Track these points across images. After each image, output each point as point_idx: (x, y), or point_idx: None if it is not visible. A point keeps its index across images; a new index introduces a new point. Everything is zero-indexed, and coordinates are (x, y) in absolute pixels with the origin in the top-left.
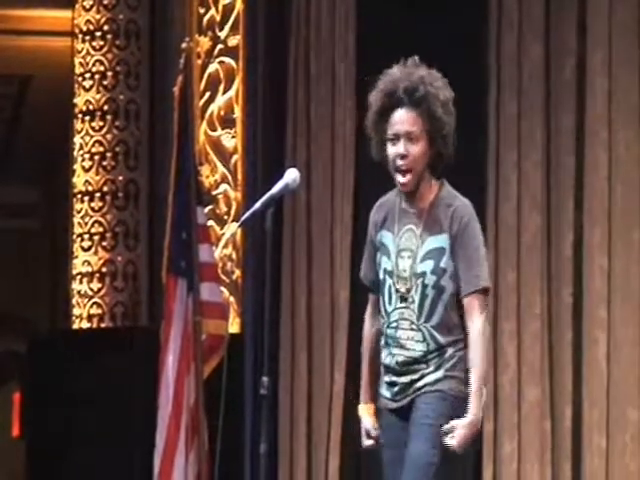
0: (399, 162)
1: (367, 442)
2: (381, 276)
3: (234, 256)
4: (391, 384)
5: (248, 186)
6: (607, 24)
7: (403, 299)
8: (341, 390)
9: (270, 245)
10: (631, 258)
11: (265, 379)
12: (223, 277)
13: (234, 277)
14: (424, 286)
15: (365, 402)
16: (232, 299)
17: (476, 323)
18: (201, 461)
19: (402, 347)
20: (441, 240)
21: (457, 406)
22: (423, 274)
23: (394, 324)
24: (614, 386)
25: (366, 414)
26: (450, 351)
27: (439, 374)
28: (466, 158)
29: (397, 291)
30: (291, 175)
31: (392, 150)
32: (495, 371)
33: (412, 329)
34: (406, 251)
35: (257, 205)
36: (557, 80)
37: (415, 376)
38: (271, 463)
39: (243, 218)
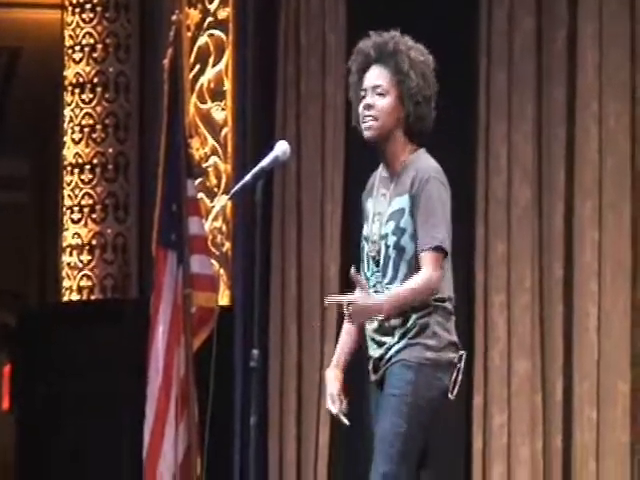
0: (365, 112)
1: (329, 407)
2: (361, 243)
3: (224, 229)
4: (369, 358)
5: (238, 159)
6: None
7: (376, 263)
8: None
9: (260, 218)
10: (622, 231)
11: (255, 351)
12: (213, 250)
13: (224, 250)
14: (387, 247)
15: (332, 367)
16: (222, 271)
17: (423, 271)
18: (191, 433)
19: None
20: (402, 201)
21: (423, 372)
22: (386, 236)
23: (372, 289)
24: (605, 359)
25: (331, 379)
26: (413, 317)
27: (402, 343)
28: (456, 131)
29: (371, 256)
30: (281, 147)
31: (361, 104)
32: (485, 344)
33: (377, 291)
34: (377, 215)
35: (247, 177)
36: (548, 52)
37: (383, 350)
38: (261, 435)
39: (233, 190)
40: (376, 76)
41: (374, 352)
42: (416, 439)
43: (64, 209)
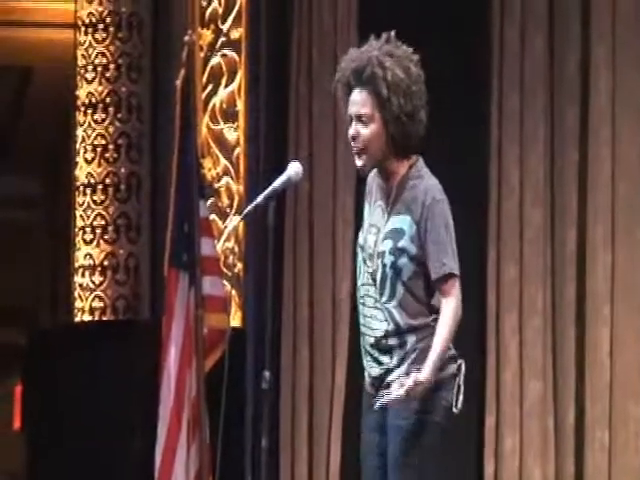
0: (352, 144)
1: None
2: (357, 248)
3: (236, 249)
4: (368, 374)
5: (250, 179)
6: (611, 18)
7: (370, 276)
8: (342, 384)
9: (272, 238)
10: (634, 254)
11: (267, 373)
12: (225, 270)
13: (236, 270)
14: (383, 265)
15: None
16: (234, 292)
17: (449, 303)
18: (202, 455)
19: (367, 326)
20: (402, 221)
21: (426, 398)
22: (382, 253)
23: (361, 300)
24: (617, 382)
25: None
26: (411, 341)
27: (402, 369)
28: (469, 152)
29: (366, 266)
30: (294, 168)
31: (349, 131)
32: (497, 366)
33: (375, 307)
34: (374, 227)
35: (259, 198)
36: (560, 75)
37: (382, 370)
38: (272, 457)
39: (245, 211)
40: (357, 104)
41: (372, 370)
42: (429, 466)
43: (76, 229)
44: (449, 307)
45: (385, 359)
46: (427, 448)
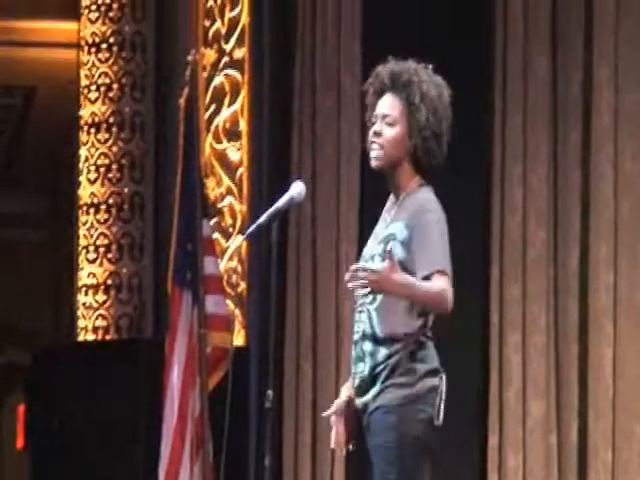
0: (372, 139)
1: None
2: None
3: (239, 269)
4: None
5: (253, 199)
6: (614, 38)
7: None
8: None
9: (275, 258)
10: (637, 273)
11: (270, 392)
12: (228, 290)
13: (239, 290)
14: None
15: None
16: (237, 312)
17: (440, 284)
18: (206, 474)
19: (354, 331)
20: (396, 227)
21: (403, 412)
22: (373, 256)
23: (358, 308)
24: (620, 401)
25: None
26: (383, 353)
27: (377, 388)
28: (472, 171)
29: None
30: (297, 188)
31: (370, 130)
32: (500, 384)
33: (361, 310)
34: (374, 236)
35: (262, 218)
36: (563, 94)
37: (359, 380)
38: (276, 476)
39: (249, 231)
40: (387, 105)
41: (355, 382)
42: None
43: (79, 248)
44: (441, 288)
45: (360, 367)
46: (407, 463)
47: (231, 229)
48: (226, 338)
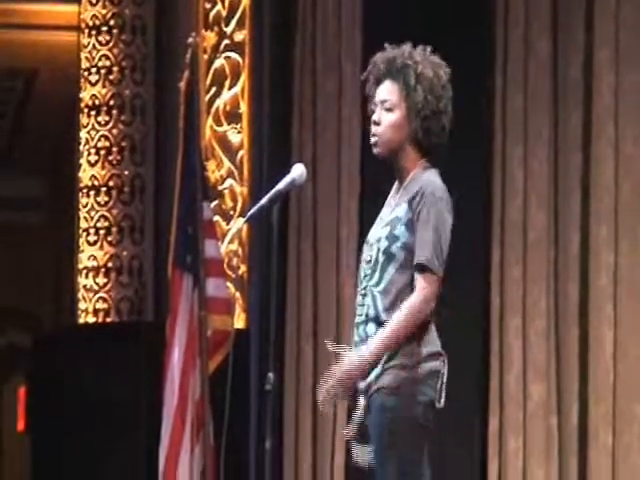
0: (372, 129)
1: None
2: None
3: (240, 251)
4: None
5: (254, 181)
6: (614, 21)
7: (367, 265)
8: None
9: (276, 241)
10: (637, 255)
11: (270, 375)
12: (229, 272)
13: (240, 272)
14: (377, 250)
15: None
16: (238, 294)
17: (410, 297)
18: (206, 456)
19: (356, 314)
20: (401, 210)
21: (403, 394)
22: (379, 239)
23: (362, 292)
24: (620, 383)
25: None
26: None
27: (378, 369)
28: (472, 154)
29: (365, 259)
30: (298, 170)
31: (372, 118)
32: (500, 368)
33: (364, 293)
34: (380, 220)
35: (263, 200)
36: (564, 77)
37: None
38: (276, 458)
39: (249, 213)
40: (385, 91)
41: None
42: (411, 461)
43: (80, 231)
44: (408, 302)
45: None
46: (404, 444)
47: (232, 212)
48: (227, 321)
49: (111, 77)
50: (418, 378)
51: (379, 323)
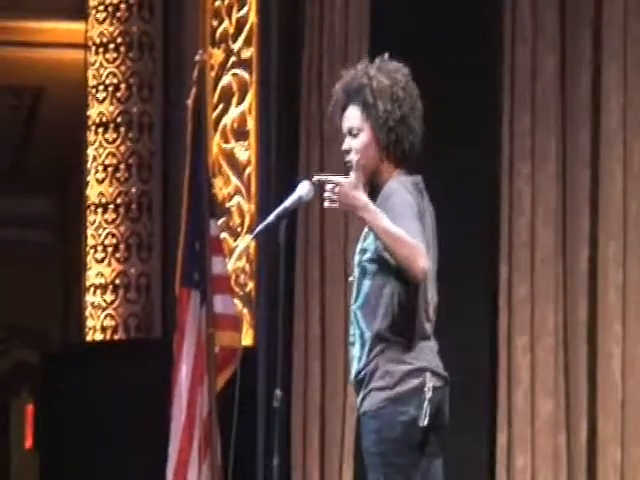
0: (345, 158)
1: None
2: None
3: (247, 268)
4: None
5: (261, 198)
6: (622, 39)
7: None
8: (354, 402)
9: (283, 257)
10: None
11: (278, 392)
12: (236, 289)
13: (247, 289)
14: (354, 265)
15: None
16: (245, 311)
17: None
18: (214, 473)
19: (350, 332)
20: None
21: (384, 415)
22: (354, 254)
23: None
24: (629, 400)
25: None
26: (365, 357)
27: (361, 395)
28: (480, 172)
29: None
30: (304, 187)
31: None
32: (508, 385)
33: (352, 314)
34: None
35: (270, 217)
36: (572, 93)
37: (354, 385)
38: (284, 476)
39: (256, 230)
40: (348, 119)
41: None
42: None
43: (87, 248)
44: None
45: (352, 371)
46: (390, 465)
47: (239, 229)
48: (234, 338)
49: (118, 94)
50: (399, 397)
51: (362, 343)
